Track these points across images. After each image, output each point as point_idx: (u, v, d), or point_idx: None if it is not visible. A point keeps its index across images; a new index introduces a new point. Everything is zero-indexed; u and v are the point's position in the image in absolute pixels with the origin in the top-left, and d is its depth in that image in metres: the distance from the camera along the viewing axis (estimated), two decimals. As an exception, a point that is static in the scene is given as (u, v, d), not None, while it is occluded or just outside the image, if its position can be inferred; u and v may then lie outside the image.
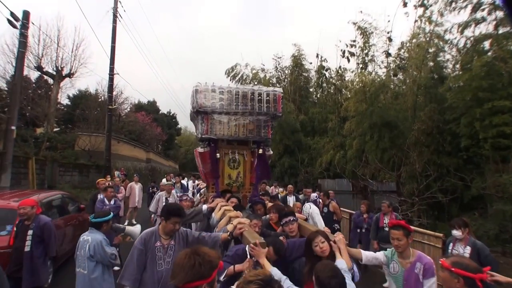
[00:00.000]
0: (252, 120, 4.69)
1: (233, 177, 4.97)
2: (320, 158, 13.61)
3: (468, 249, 3.59)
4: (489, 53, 9.63)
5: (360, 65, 13.32)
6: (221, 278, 2.29)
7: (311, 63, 16.09)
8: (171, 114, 36.68)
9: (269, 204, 4.38)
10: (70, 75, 17.13)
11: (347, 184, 13.68)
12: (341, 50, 13.79)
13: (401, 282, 2.54)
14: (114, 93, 16.31)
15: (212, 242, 2.74)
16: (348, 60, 13.66)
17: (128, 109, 24.59)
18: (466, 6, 9.80)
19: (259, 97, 4.64)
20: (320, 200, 7.25)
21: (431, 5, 10.92)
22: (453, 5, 9.99)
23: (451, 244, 3.83)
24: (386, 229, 5.39)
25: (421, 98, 11.37)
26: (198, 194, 6.53)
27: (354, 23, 13.16)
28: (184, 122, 66.98)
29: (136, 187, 10.39)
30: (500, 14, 9.24)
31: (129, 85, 48.88)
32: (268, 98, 4.67)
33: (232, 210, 3.56)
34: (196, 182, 12.01)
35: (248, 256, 2.35)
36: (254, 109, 4.60)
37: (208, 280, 1.41)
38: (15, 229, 4.06)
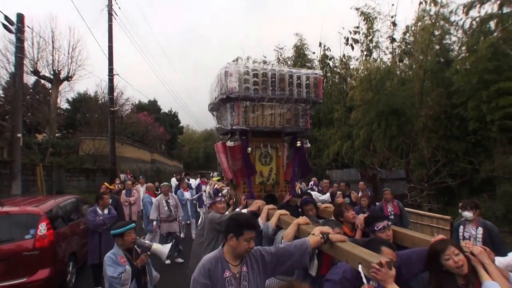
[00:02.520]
0: (289, 108, 4.09)
1: (265, 175, 4.34)
2: (327, 149, 13.55)
3: (480, 230, 3.67)
4: (495, 34, 9.54)
5: (365, 52, 13.18)
6: None
7: (314, 52, 15.87)
8: (172, 113, 36.42)
9: (322, 206, 3.80)
10: (68, 78, 16.92)
11: (355, 173, 13.68)
12: (345, 38, 13.58)
13: None
14: (115, 94, 16.07)
15: (300, 253, 2.10)
16: (352, 48, 13.48)
17: (129, 110, 24.42)
18: (470, -14, 9.65)
19: (298, 81, 4.03)
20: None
21: (436, -15, 10.69)
22: (458, -15, 9.82)
23: (461, 227, 3.87)
24: (392, 217, 5.31)
25: (428, 83, 11.29)
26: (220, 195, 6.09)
27: (357, 9, 12.93)
28: (186, 120, 66.76)
29: (141, 189, 9.55)
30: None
31: (130, 85, 48.49)
32: (308, 82, 4.07)
33: (288, 213, 2.97)
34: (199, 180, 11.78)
35: (365, 281, 1.74)
36: (292, 95, 4.01)
37: None
38: None
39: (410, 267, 1.98)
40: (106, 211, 5.05)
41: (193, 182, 11.96)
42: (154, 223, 6.43)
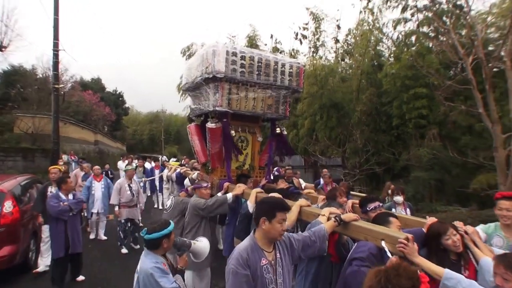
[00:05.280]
0: (272, 94, 4.08)
1: (241, 159, 4.29)
2: (274, 137, 14.48)
3: (408, 211, 4.12)
4: (414, 48, 11.35)
5: (312, 49, 14.34)
6: None
7: (265, 44, 16.30)
8: (118, 92, 34.36)
9: (305, 191, 3.91)
10: (1, 48, 15.20)
11: (300, 160, 15.03)
12: (294, 32, 14.55)
13: None
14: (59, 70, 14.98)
15: (321, 240, 2.11)
16: (301, 42, 14.48)
17: (71, 87, 22.62)
18: (398, 6, 11.60)
19: (282, 68, 4.05)
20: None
21: (373, -2, 12.23)
22: (389, 3, 11.56)
23: (393, 210, 4.00)
24: None
25: (364, 83, 12.77)
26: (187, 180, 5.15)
27: (307, 8, 14.01)
28: (131, 101, 62.56)
29: (81, 174, 7.87)
30: (420, 16, 10.98)
31: (75, 61, 44.62)
32: (291, 70, 4.10)
33: (280, 196, 2.79)
34: (153, 164, 11.39)
35: (390, 255, 1.78)
36: (276, 82, 4.01)
37: None
38: None
39: None
40: (70, 196, 4.43)
41: (147, 166, 11.96)
42: (116, 208, 5.98)
